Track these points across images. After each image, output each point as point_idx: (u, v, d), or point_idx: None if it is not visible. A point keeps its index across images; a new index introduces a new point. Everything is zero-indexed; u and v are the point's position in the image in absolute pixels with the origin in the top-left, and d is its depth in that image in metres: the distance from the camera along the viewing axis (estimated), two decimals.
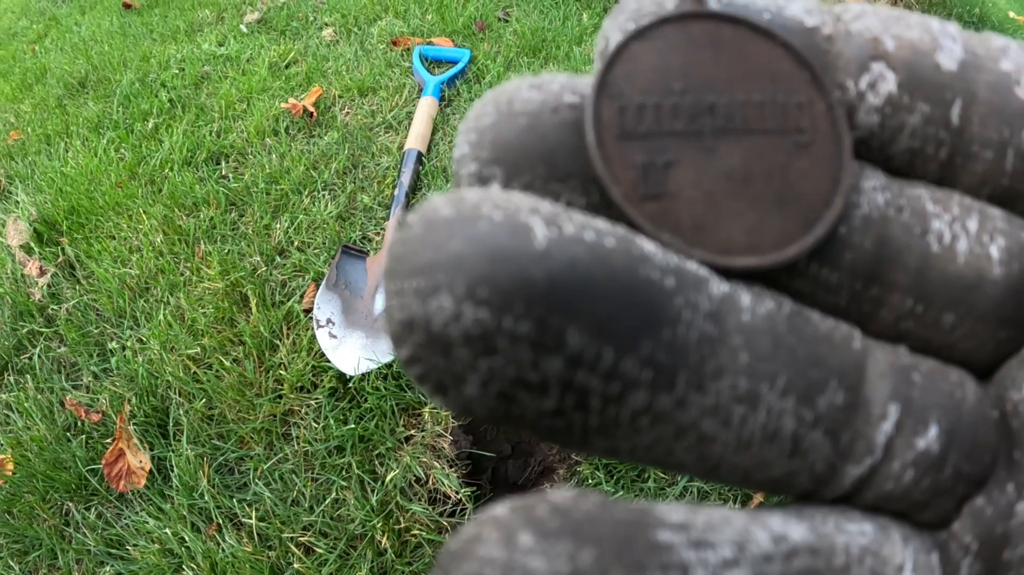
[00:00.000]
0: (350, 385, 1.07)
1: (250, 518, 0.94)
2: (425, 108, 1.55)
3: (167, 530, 0.94)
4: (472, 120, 0.12)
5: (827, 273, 0.12)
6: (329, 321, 1.14)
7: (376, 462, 0.99)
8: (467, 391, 0.10)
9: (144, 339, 1.18)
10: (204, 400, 1.07)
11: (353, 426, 1.01)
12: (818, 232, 0.12)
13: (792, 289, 0.13)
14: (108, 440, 1.06)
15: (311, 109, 1.62)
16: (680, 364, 0.10)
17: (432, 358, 0.09)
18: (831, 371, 0.12)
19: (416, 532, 0.92)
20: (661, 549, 0.09)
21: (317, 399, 1.06)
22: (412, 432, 1.02)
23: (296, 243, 1.30)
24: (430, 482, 0.97)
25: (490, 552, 0.09)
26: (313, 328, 1.14)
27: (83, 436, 1.07)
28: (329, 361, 1.09)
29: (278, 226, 1.34)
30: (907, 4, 2.32)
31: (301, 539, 0.92)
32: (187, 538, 0.93)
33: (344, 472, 0.98)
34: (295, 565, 0.90)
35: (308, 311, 1.18)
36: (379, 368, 1.07)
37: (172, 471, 1.01)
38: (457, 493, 0.95)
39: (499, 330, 0.09)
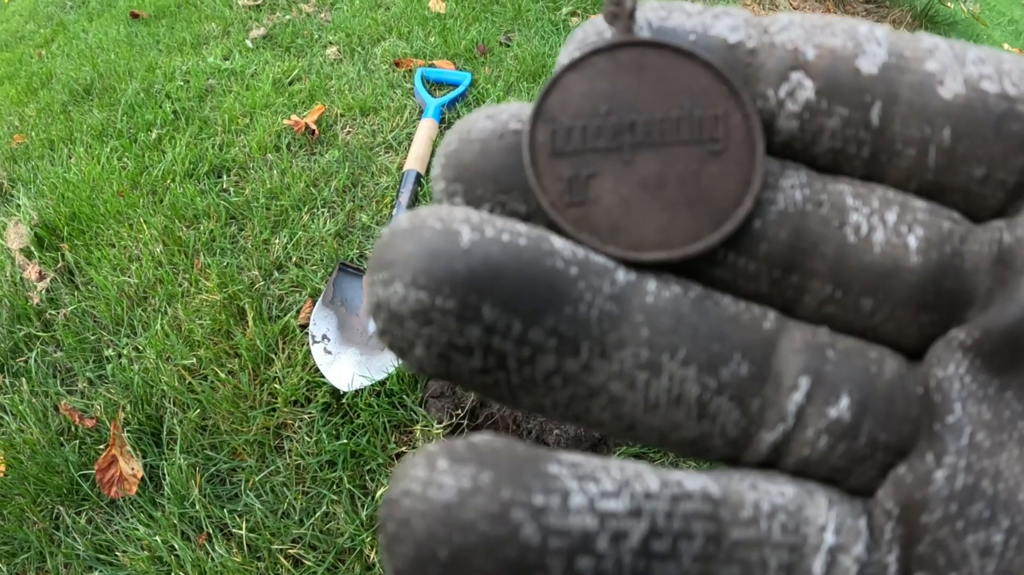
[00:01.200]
0: (343, 401, 1.09)
1: (240, 529, 0.96)
2: (425, 130, 1.58)
3: (157, 538, 0.95)
4: (443, 147, 0.15)
5: (744, 262, 0.14)
6: (324, 337, 1.16)
7: (367, 477, 1.01)
8: (416, 352, 0.13)
9: (140, 348, 1.20)
10: (198, 410, 1.09)
11: (345, 441, 1.03)
12: (726, 229, 0.14)
13: (714, 277, 0.14)
14: (101, 446, 1.07)
15: (313, 126, 1.65)
16: (581, 335, 0.13)
17: (393, 329, 0.13)
18: (735, 345, 0.13)
19: None
20: (548, 476, 0.12)
21: (310, 413, 1.08)
22: (403, 449, 1.04)
23: (294, 259, 1.33)
24: None
25: (418, 472, 0.11)
26: (308, 343, 1.16)
27: (76, 441, 1.08)
28: (323, 376, 1.11)
29: (277, 241, 1.36)
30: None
31: (290, 551, 0.94)
32: (177, 546, 0.94)
33: (335, 486, 1.00)
34: None
35: (304, 326, 1.20)
36: (372, 385, 1.09)
37: (164, 479, 1.03)
38: None
39: (433, 306, 0.12)
